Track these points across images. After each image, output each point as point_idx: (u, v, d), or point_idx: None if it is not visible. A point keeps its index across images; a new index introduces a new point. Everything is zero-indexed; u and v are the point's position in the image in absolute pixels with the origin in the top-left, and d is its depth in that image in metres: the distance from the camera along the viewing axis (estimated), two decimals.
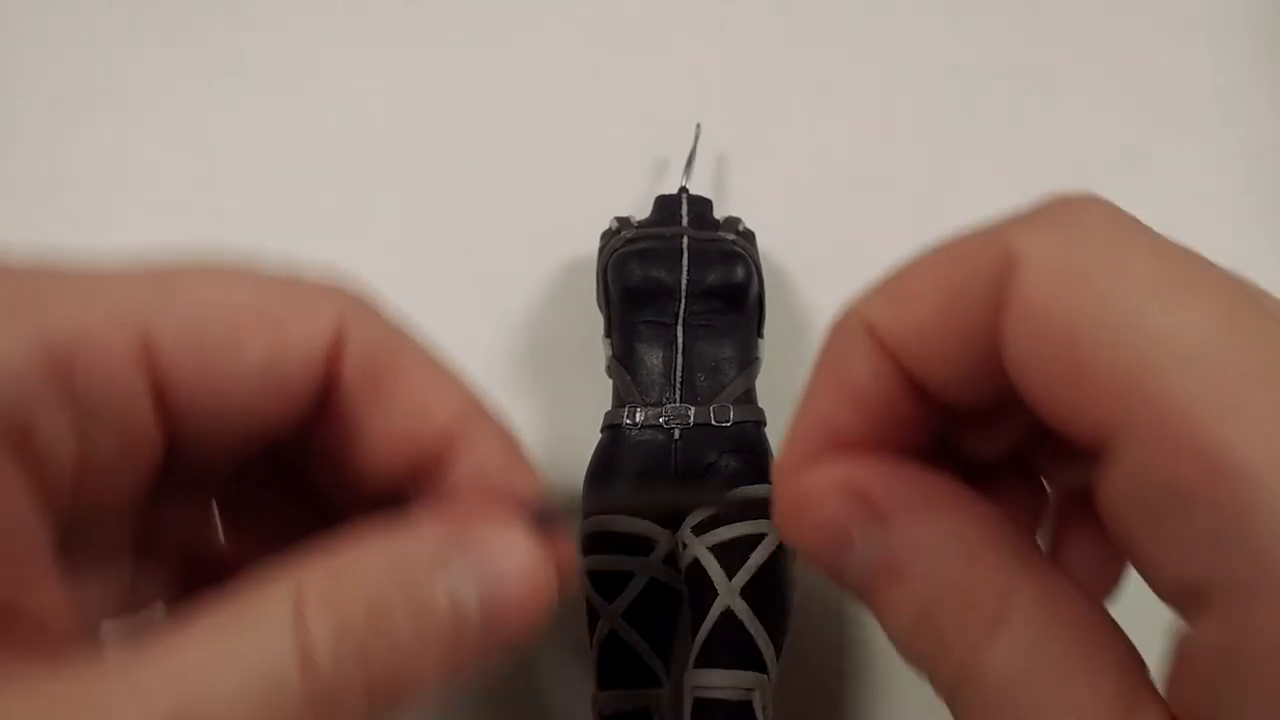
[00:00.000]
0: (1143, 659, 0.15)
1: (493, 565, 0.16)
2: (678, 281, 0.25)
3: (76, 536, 0.17)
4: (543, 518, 0.17)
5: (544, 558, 0.17)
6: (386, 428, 0.18)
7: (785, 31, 0.35)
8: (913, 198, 0.33)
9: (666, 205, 0.28)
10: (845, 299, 0.20)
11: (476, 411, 0.18)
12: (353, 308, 0.18)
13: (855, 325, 0.17)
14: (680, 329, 0.25)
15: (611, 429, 0.25)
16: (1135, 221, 0.14)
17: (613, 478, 0.24)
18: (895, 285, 0.17)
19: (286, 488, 0.20)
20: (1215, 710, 0.13)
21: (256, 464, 0.20)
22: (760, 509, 0.24)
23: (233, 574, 0.15)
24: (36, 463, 0.15)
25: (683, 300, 0.25)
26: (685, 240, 0.26)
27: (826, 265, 0.30)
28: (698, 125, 0.30)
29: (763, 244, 0.28)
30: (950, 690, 0.15)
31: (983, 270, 0.15)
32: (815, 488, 0.16)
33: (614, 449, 0.25)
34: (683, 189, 0.28)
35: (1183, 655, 0.14)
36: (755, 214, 0.29)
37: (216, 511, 0.21)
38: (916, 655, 0.16)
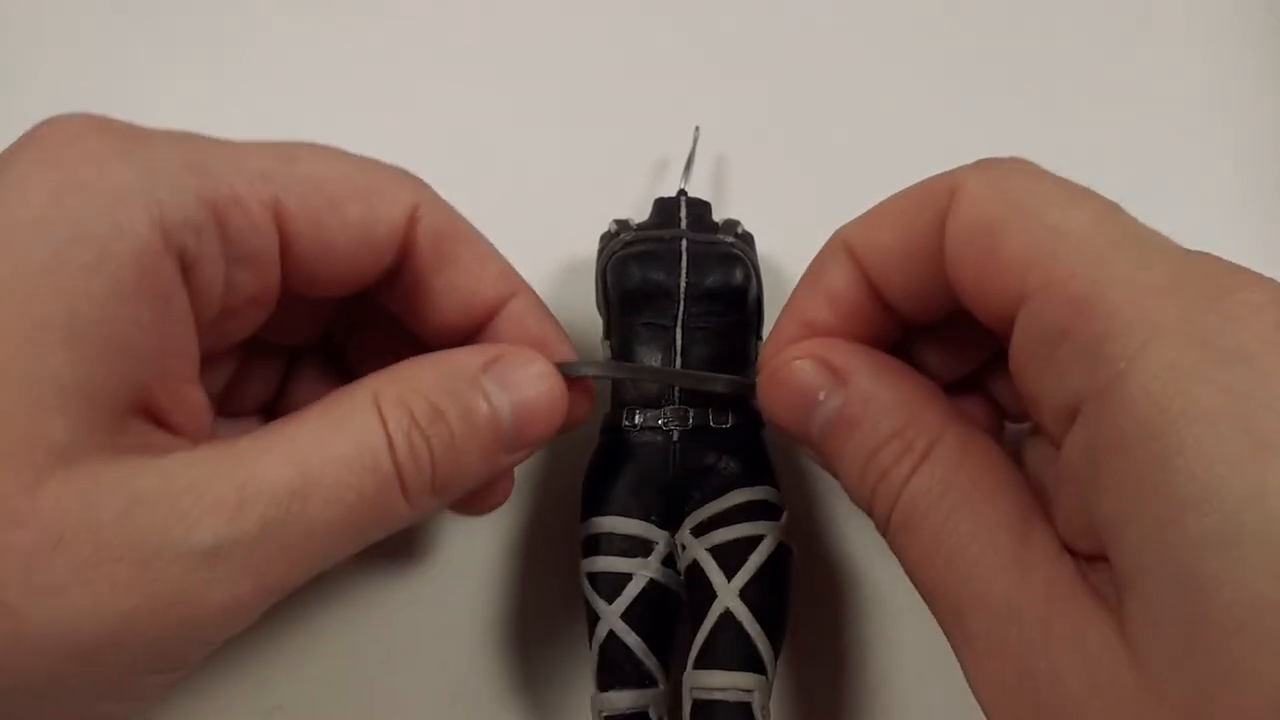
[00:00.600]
0: (1037, 500, 0.18)
1: (518, 379, 0.21)
2: (676, 284, 0.25)
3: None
4: (568, 368, 0.22)
5: (560, 379, 0.22)
6: (450, 287, 0.22)
7: (786, 32, 0.35)
8: None
9: (665, 208, 0.27)
10: None
11: (519, 282, 0.23)
12: (423, 190, 0.22)
13: (836, 244, 0.21)
14: (679, 331, 0.25)
15: (610, 430, 0.25)
16: (1048, 172, 0.18)
17: (611, 479, 0.24)
18: (871, 213, 0.21)
19: (346, 368, 0.26)
20: (1084, 508, 0.16)
21: (324, 340, 0.25)
22: (759, 510, 0.24)
23: None
24: (195, 293, 0.19)
25: (681, 303, 0.25)
26: (684, 243, 0.26)
27: None
28: (696, 128, 0.30)
29: (762, 247, 0.28)
30: (885, 520, 0.19)
31: (935, 200, 0.19)
32: (790, 358, 0.20)
33: (612, 451, 0.25)
34: (681, 191, 0.28)
35: (1060, 474, 0.17)
36: (754, 216, 0.29)
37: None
38: (863, 494, 0.19)
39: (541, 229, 0.31)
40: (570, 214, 0.29)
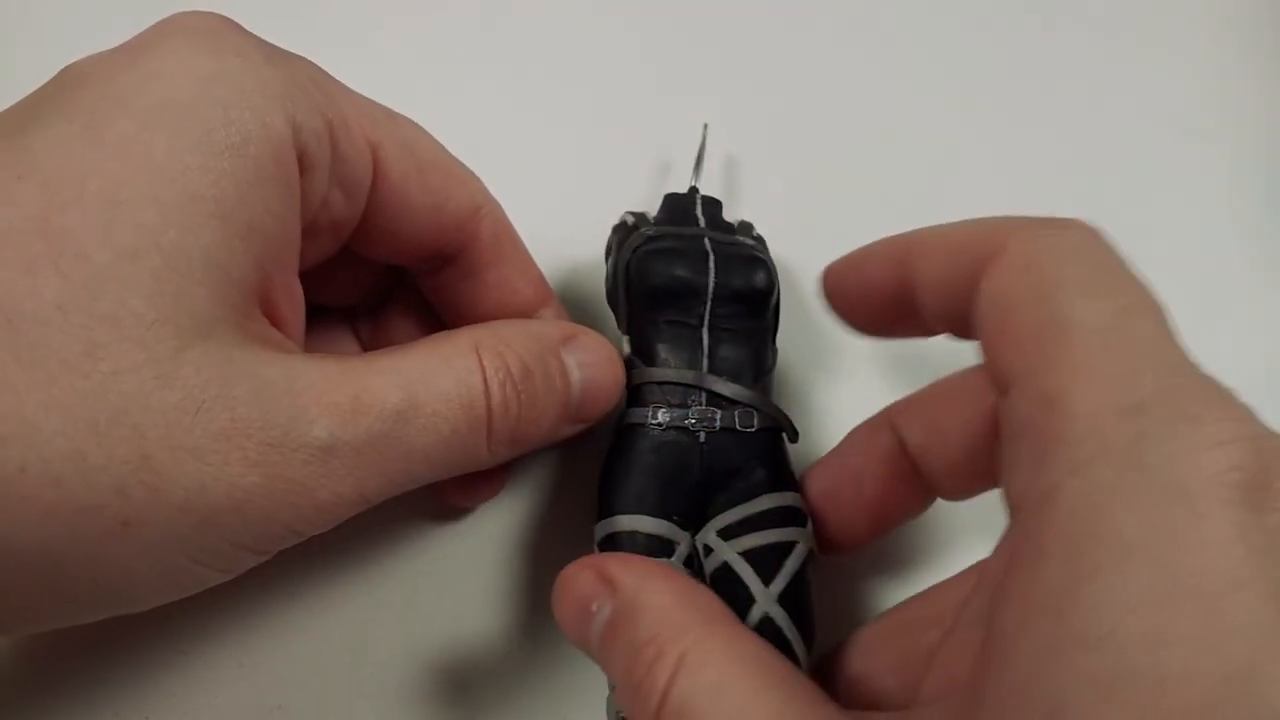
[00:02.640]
0: (814, 685, 0.18)
1: (592, 359, 0.23)
2: (705, 284, 0.24)
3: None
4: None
5: (622, 366, 0.24)
6: (500, 282, 0.25)
7: (791, 33, 0.35)
8: (914, 199, 0.33)
9: (679, 204, 0.27)
10: None
11: (552, 292, 0.26)
12: (487, 192, 0.24)
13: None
14: (705, 332, 0.24)
15: (634, 428, 0.24)
16: (1098, 249, 0.17)
17: (637, 477, 0.24)
18: (930, 231, 0.21)
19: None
20: (994, 609, 0.16)
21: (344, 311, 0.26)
22: (789, 517, 0.24)
23: None
24: (303, 196, 0.20)
25: (709, 303, 0.24)
26: (707, 241, 0.25)
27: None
28: (705, 125, 0.30)
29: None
30: None
31: (979, 246, 0.19)
32: (574, 570, 0.21)
33: (637, 448, 0.24)
34: (693, 188, 0.28)
35: (981, 576, 0.18)
36: (754, 217, 0.29)
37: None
38: (630, 701, 0.19)
39: (541, 228, 0.30)
40: (570, 214, 0.29)
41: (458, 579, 0.27)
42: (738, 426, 0.24)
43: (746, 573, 0.22)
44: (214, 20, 0.20)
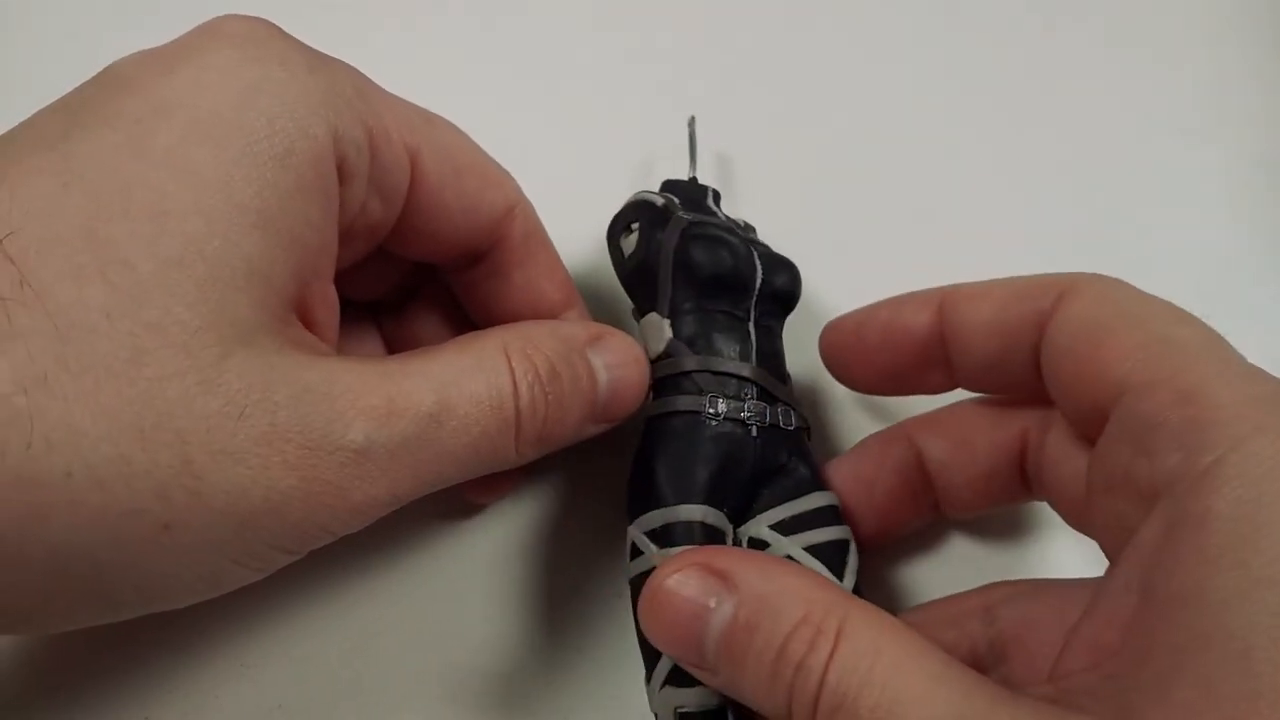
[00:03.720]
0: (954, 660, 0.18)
1: (618, 359, 0.23)
2: (754, 278, 0.24)
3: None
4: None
5: (648, 367, 0.24)
6: (527, 282, 0.25)
7: (786, 31, 0.35)
8: (912, 200, 0.33)
9: (689, 193, 0.27)
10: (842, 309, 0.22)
11: (578, 295, 0.26)
12: (520, 192, 0.25)
13: (933, 298, 0.24)
14: (753, 327, 0.24)
15: (683, 415, 0.23)
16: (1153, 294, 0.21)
17: (696, 467, 0.23)
18: (976, 285, 0.23)
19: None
20: (1154, 574, 0.17)
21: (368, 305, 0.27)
22: (838, 515, 0.24)
23: None
24: (341, 204, 0.20)
25: (754, 298, 0.24)
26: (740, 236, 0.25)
27: (825, 274, 0.30)
28: (692, 118, 0.30)
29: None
30: (811, 713, 0.18)
31: (1041, 294, 0.21)
32: (667, 574, 0.19)
33: (697, 438, 0.23)
34: (693, 178, 0.27)
35: (1124, 559, 0.18)
36: (750, 215, 0.29)
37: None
38: (777, 698, 0.18)
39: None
40: (566, 213, 0.29)
41: (461, 579, 0.27)
42: (781, 424, 0.24)
43: (818, 568, 0.22)
44: (257, 25, 0.20)
